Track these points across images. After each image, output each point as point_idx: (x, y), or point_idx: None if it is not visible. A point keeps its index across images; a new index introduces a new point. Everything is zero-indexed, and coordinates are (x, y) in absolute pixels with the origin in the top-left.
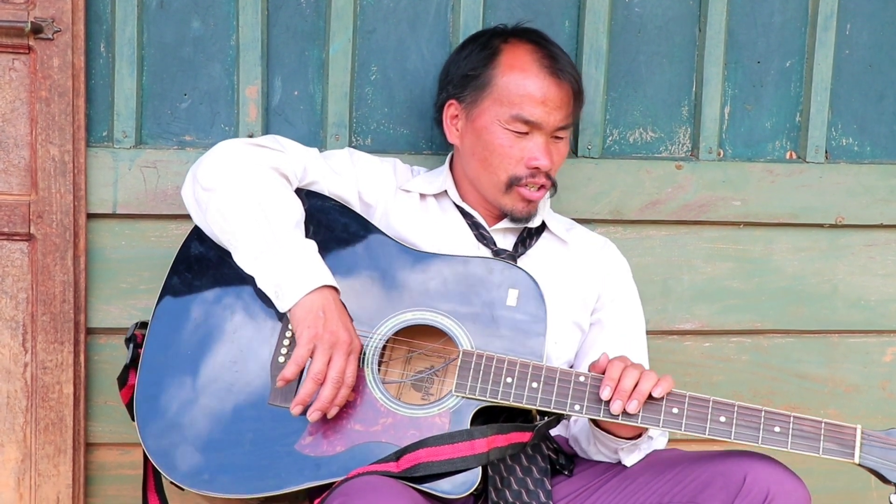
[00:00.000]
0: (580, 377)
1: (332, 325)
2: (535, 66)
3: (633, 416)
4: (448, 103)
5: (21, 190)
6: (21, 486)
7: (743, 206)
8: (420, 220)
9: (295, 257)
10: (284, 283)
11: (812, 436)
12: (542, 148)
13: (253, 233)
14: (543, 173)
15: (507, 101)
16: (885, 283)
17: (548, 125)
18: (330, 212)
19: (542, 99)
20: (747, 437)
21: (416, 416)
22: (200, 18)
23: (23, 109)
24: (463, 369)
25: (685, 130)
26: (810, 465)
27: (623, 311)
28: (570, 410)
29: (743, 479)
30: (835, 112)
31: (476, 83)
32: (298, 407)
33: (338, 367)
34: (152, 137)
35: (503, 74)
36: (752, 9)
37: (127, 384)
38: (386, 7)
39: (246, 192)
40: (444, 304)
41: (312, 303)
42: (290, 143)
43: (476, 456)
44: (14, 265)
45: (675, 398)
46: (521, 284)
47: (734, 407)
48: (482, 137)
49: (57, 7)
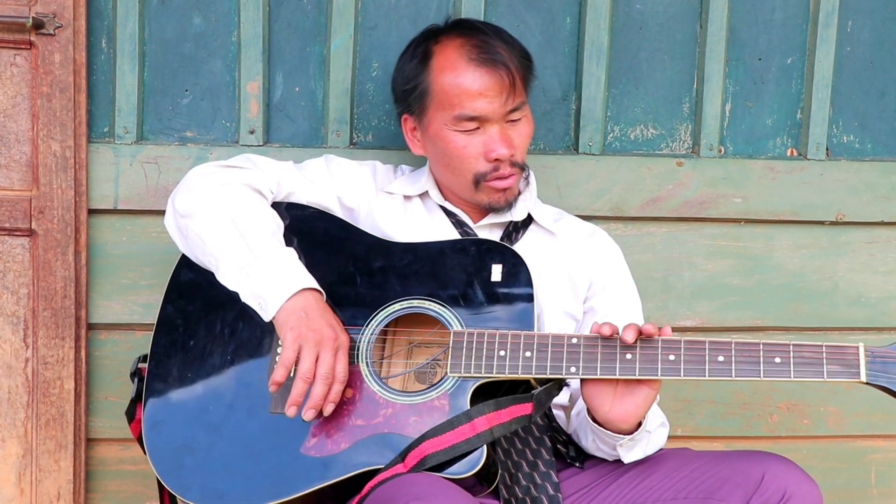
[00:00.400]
0: (572, 339)
1: (315, 323)
2: (463, 62)
3: (630, 365)
4: (403, 118)
5: (22, 185)
6: (22, 482)
7: (744, 203)
8: (405, 222)
9: (272, 267)
10: (265, 293)
11: (815, 361)
12: (498, 138)
13: (230, 250)
14: (507, 162)
15: (447, 104)
16: (886, 280)
17: (495, 114)
18: (308, 219)
19: (479, 91)
20: (748, 372)
21: (415, 402)
22: (202, 14)
23: (24, 105)
24: (455, 349)
25: (686, 127)
26: (811, 463)
27: (616, 297)
28: (567, 374)
29: (761, 477)
30: (836, 109)
31: (416, 94)
32: (293, 408)
33: (326, 364)
34: (153, 133)
35: (436, 79)
36: (754, 5)
37: (135, 419)
38: (387, 3)
39: (219, 212)
40: (430, 290)
41: (294, 306)
42: (263, 159)
43: (479, 435)
44: (15, 261)
45: (670, 344)
46: (503, 259)
47: (731, 345)
48: (437, 145)
49: (58, 2)
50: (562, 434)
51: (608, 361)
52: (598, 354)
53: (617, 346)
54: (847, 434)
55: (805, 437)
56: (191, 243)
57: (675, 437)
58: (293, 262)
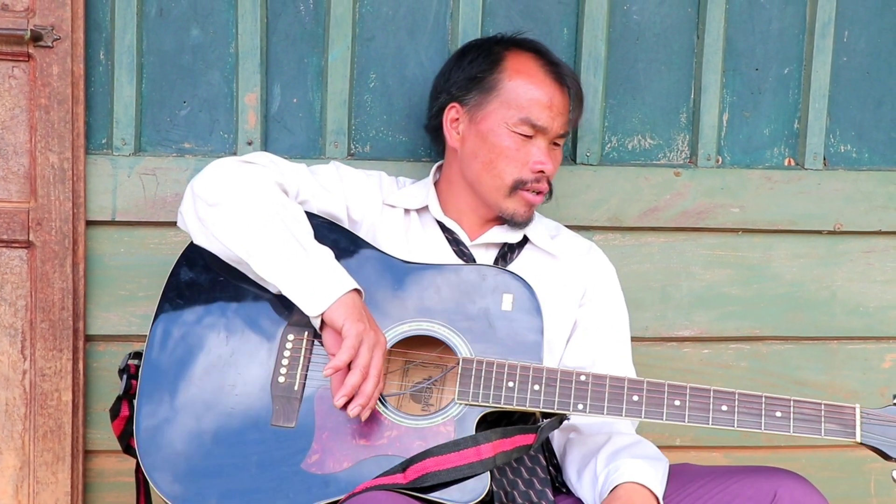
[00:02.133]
0: (581, 376)
1: (373, 323)
2: (541, 73)
3: (637, 407)
4: (449, 106)
5: (20, 197)
6: (20, 494)
7: (741, 212)
8: (403, 237)
9: (321, 262)
10: (316, 287)
11: (813, 418)
12: (546, 152)
13: (273, 241)
14: (545, 178)
15: (514, 105)
16: (884, 289)
17: (552, 130)
18: (318, 229)
19: (548, 104)
20: (750, 423)
21: (421, 426)
22: (199, 26)
23: (22, 117)
24: (464, 377)
25: (684, 137)
26: (809, 473)
27: (603, 314)
28: (574, 410)
29: (774, 493)
30: (833, 119)
31: (482, 86)
32: (343, 398)
33: (378, 365)
34: (151, 145)
35: (510, 78)
36: (751, 16)
37: (119, 416)
38: (385, 15)
39: (258, 203)
40: (440, 314)
41: (354, 302)
42: (280, 160)
43: (482, 461)
44: (13, 272)
45: (676, 390)
46: (514, 289)
47: (735, 395)
48: (488, 140)
49: (56, 15)
50: (554, 457)
51: (615, 401)
52: (605, 393)
53: (625, 387)
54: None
55: (804, 446)
56: (216, 231)
57: (675, 447)
58: (336, 262)
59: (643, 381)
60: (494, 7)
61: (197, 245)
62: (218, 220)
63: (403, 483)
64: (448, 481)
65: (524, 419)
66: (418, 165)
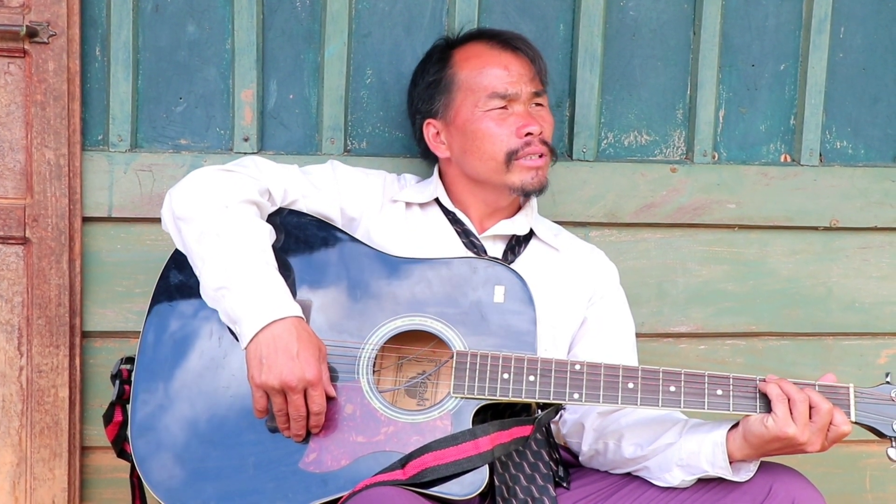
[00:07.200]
0: (575, 365)
1: (277, 368)
2: (486, 48)
3: (632, 394)
4: (426, 124)
5: (16, 193)
6: (16, 490)
7: (737, 208)
8: (406, 230)
9: (248, 291)
10: (240, 319)
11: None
12: (526, 115)
13: (210, 266)
14: (538, 139)
15: (476, 87)
16: (880, 285)
17: (523, 93)
18: (307, 227)
19: (505, 70)
20: (745, 407)
21: (418, 421)
22: (195, 22)
23: (18, 113)
24: (459, 370)
25: (680, 133)
26: (805, 469)
27: (610, 312)
28: (570, 399)
29: (769, 487)
30: (829, 115)
31: (441, 88)
32: (286, 432)
33: (295, 405)
34: (147, 141)
35: (462, 68)
36: (747, 12)
37: (112, 421)
38: (381, 11)
39: (208, 224)
40: (432, 308)
41: (258, 347)
42: (269, 164)
43: (481, 455)
44: (9, 269)
45: (671, 376)
46: (505, 280)
47: (729, 378)
48: (468, 130)
49: (52, 11)
50: (556, 452)
51: (611, 389)
52: (600, 382)
53: (619, 375)
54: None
55: None
56: (184, 243)
57: None
58: (271, 287)
59: (638, 369)
60: (490, 3)
61: None
62: (186, 235)
63: (403, 479)
64: (448, 475)
65: (522, 410)
66: (415, 161)
